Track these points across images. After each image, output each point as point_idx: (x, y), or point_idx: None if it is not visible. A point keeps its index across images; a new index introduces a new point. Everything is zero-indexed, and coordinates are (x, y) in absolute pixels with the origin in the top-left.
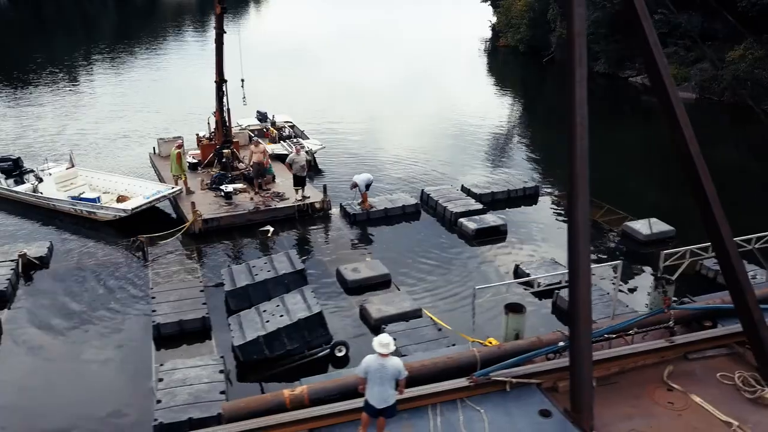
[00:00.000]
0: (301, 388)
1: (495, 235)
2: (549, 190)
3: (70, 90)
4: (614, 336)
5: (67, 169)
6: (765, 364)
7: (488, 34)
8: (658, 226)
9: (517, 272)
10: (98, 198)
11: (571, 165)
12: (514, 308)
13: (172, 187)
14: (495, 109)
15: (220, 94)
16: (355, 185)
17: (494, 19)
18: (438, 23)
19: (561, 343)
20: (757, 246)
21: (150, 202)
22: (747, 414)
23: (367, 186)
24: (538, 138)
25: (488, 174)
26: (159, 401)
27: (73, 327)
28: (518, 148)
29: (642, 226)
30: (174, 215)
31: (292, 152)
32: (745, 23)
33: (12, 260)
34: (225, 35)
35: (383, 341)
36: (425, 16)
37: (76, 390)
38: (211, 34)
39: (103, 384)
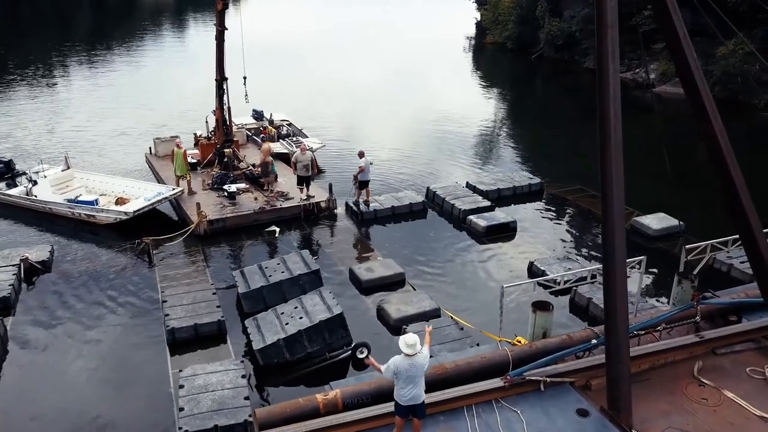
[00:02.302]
0: (335, 392)
1: (505, 232)
2: (547, 186)
3: (53, 89)
4: (643, 332)
5: (62, 171)
6: None
7: (473, 31)
8: (667, 220)
9: (532, 269)
10: (96, 200)
11: (604, 160)
12: (541, 306)
13: (174, 188)
14: (486, 106)
15: (220, 92)
16: (362, 154)
17: (479, 16)
18: (426, 22)
19: (594, 341)
20: None
21: (152, 204)
22: None
23: (366, 182)
24: (531, 135)
25: (484, 171)
26: (182, 409)
27: (81, 333)
28: (511, 145)
29: (651, 221)
30: (176, 217)
31: (296, 151)
32: (735, 18)
33: (14, 265)
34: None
35: (409, 342)
36: (412, 15)
37: (88, 398)
38: (196, 32)
39: (117, 391)
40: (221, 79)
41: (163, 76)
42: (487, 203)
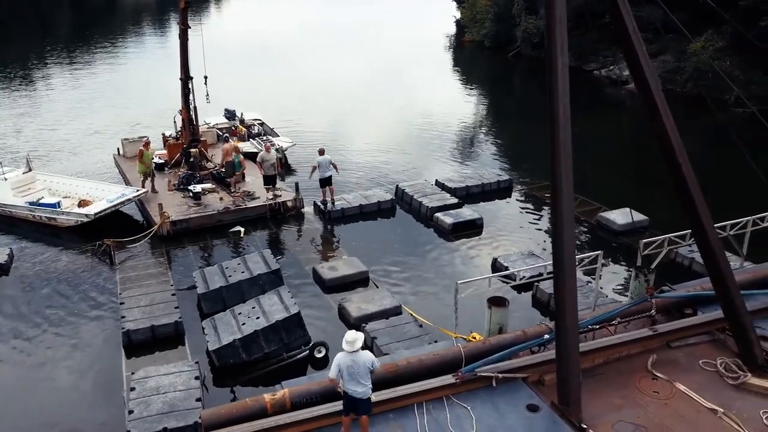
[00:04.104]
0: (283, 391)
1: (471, 229)
2: (520, 183)
3: (29, 89)
4: (598, 327)
5: (23, 173)
6: (746, 349)
7: (453, 29)
8: (633, 215)
9: (495, 265)
10: (58, 203)
11: (554, 155)
12: (497, 302)
13: (137, 190)
14: (463, 104)
15: (186, 91)
16: (322, 152)
17: (458, 15)
18: (408, 21)
19: (546, 336)
20: (732, 233)
21: (114, 206)
22: (731, 400)
23: (327, 180)
24: (507, 132)
25: (459, 168)
26: (131, 412)
27: (36, 336)
28: (487, 142)
29: (617, 216)
30: (141, 219)
31: (262, 150)
32: (706, 15)
33: None
34: (189, 31)
35: (350, 339)
36: (394, 14)
37: (40, 403)
38: (174, 31)
39: (69, 396)
40: (186, 78)
41: (143, 75)
42: (454, 201)
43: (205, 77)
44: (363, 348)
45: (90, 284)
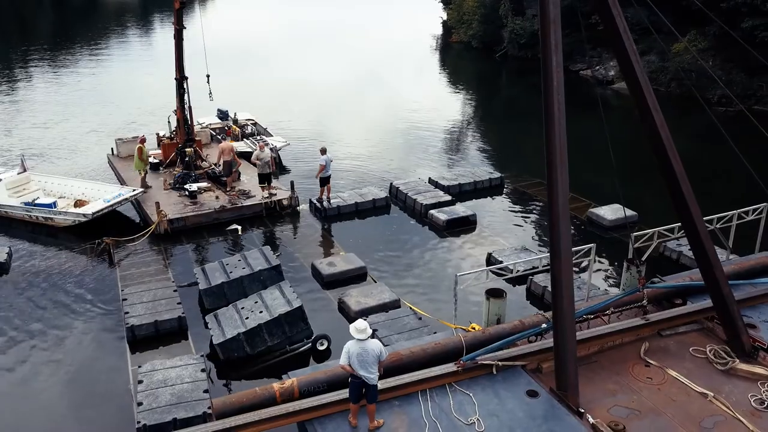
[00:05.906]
0: (291, 380)
1: (465, 225)
2: (510, 181)
3: (14, 90)
4: (592, 317)
5: (18, 174)
6: (734, 337)
7: (439, 30)
8: (622, 211)
9: (490, 260)
10: (54, 203)
11: (550, 150)
12: (494, 293)
13: (134, 189)
14: (453, 104)
15: (180, 91)
16: (324, 151)
17: (445, 15)
18: (395, 22)
19: (544, 325)
20: (718, 226)
21: (111, 206)
22: (720, 384)
23: (327, 179)
24: (496, 131)
25: (450, 167)
26: (140, 403)
27: (40, 333)
28: (478, 141)
29: (606, 212)
30: (138, 219)
31: (256, 149)
32: (689, 16)
33: None
34: (184, 31)
35: (360, 327)
36: (382, 14)
37: (46, 398)
38: (162, 32)
39: (75, 390)
40: (181, 78)
41: (133, 75)
42: (448, 198)
43: (208, 75)
44: None
45: (90, 282)
